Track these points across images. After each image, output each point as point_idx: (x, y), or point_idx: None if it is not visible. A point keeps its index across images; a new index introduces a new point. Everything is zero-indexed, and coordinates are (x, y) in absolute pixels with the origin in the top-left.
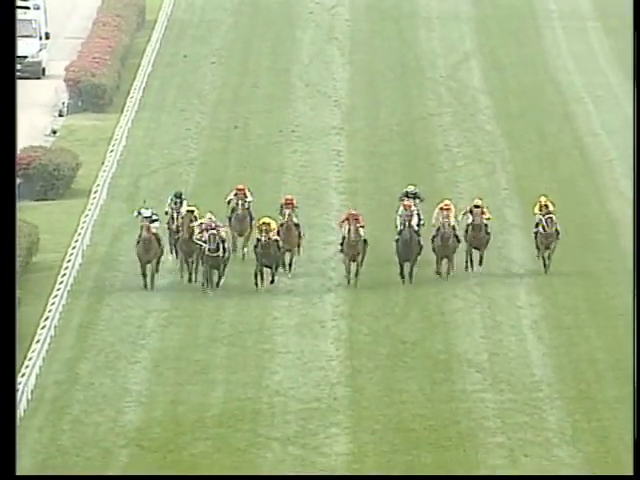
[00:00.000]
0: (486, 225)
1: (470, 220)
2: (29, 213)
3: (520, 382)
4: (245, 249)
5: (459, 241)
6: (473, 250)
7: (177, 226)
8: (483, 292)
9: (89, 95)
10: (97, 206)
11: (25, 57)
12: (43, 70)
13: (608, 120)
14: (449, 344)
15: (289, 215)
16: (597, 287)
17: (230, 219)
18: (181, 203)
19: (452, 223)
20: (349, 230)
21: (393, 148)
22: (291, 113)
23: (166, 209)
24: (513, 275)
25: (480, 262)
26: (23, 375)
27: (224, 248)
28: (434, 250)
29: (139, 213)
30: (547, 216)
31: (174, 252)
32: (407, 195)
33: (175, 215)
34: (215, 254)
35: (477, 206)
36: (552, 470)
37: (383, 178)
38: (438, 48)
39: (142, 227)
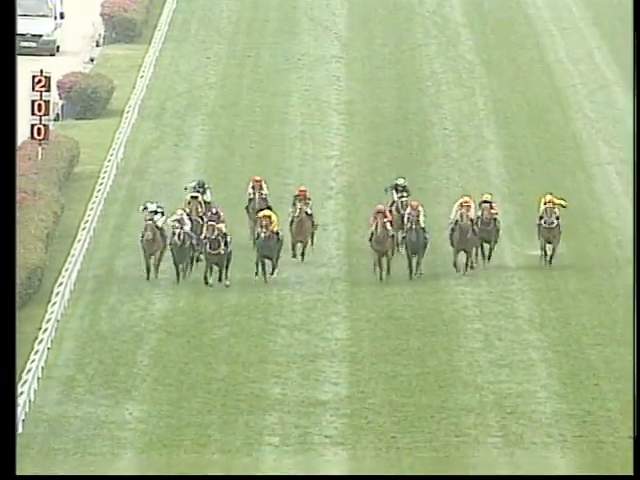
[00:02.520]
0: (495, 219)
1: (479, 214)
2: (70, 130)
3: (495, 277)
4: None
5: (477, 235)
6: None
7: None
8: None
9: (122, 28)
10: (129, 124)
11: (40, 36)
12: (57, 48)
13: (572, 50)
14: (435, 247)
15: (301, 207)
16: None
17: (247, 209)
18: (204, 191)
19: (471, 217)
20: (377, 226)
21: (386, 74)
22: (297, 44)
23: (187, 198)
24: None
25: (489, 257)
26: (66, 270)
27: (225, 243)
28: (452, 244)
29: (145, 208)
30: (546, 205)
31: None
32: (396, 188)
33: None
34: (216, 251)
35: (486, 201)
36: (520, 351)
37: (377, 100)
38: None
39: (146, 223)
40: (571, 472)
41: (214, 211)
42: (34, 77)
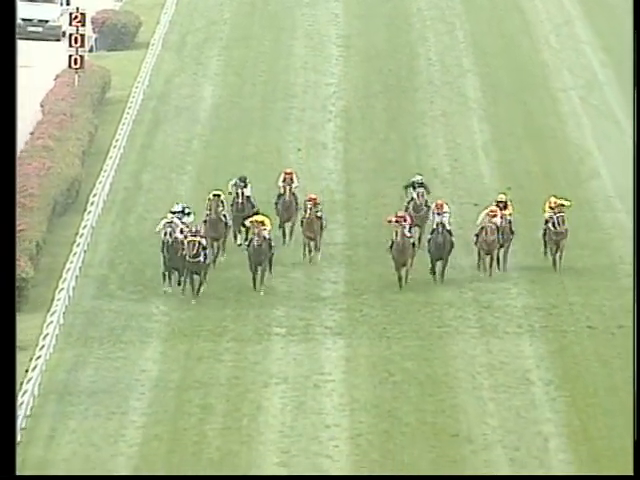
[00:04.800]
0: (510, 222)
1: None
2: (102, 60)
3: (474, 190)
4: (291, 236)
5: (504, 238)
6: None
7: (241, 204)
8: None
9: None
10: (154, 55)
11: (47, 21)
12: (63, 33)
13: None
14: (420, 160)
15: (311, 210)
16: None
17: (276, 204)
18: (245, 186)
19: (498, 223)
20: (397, 234)
21: (378, 12)
22: None
23: (230, 190)
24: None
25: (504, 259)
26: (100, 182)
27: (205, 255)
28: (475, 243)
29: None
30: (558, 215)
31: (238, 232)
32: (414, 185)
33: (239, 197)
34: (196, 259)
35: (501, 201)
36: (505, 289)
37: (371, 35)
38: None
39: (171, 225)
40: (538, 358)
41: (194, 230)
42: (71, 14)
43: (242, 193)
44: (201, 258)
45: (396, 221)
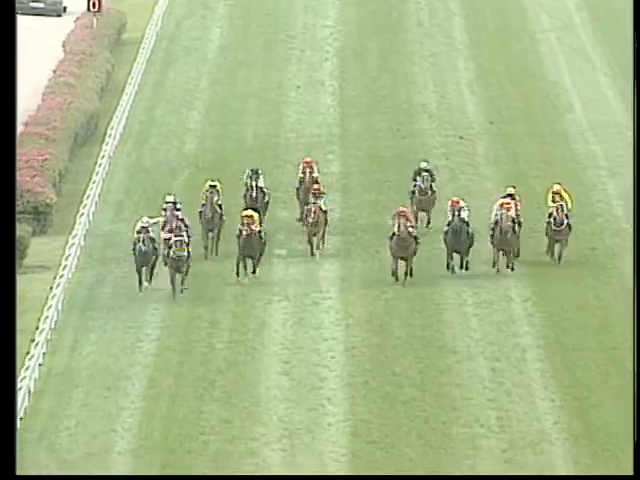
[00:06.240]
0: (517, 215)
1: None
2: (119, 4)
3: (459, 123)
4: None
5: (518, 235)
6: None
7: (254, 195)
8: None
9: None
10: (166, 0)
11: None
12: (64, 8)
13: None
14: (410, 96)
15: (315, 202)
16: None
17: (298, 190)
18: (257, 177)
19: (512, 216)
20: (399, 226)
21: None
22: None
23: (245, 181)
24: None
25: (514, 252)
26: (116, 117)
27: (188, 252)
28: (492, 243)
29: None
30: (558, 203)
31: None
32: (420, 172)
33: (252, 188)
34: (179, 255)
35: (509, 194)
36: (478, 183)
37: None
38: None
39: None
40: (517, 278)
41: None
42: None
43: (255, 184)
44: (184, 253)
45: (398, 215)
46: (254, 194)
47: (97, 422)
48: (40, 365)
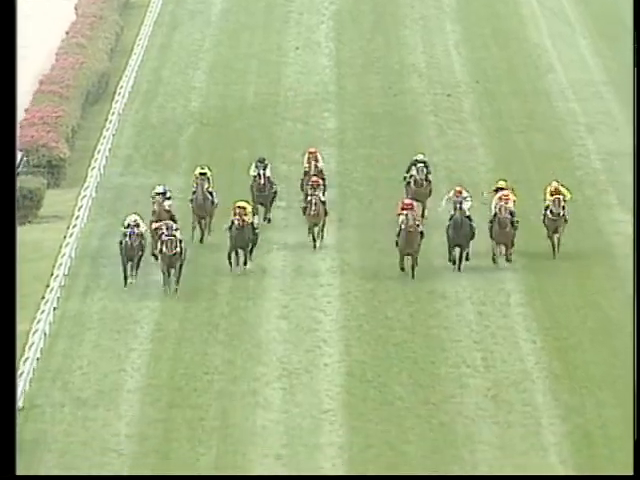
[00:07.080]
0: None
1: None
2: None
3: (447, 82)
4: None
5: (516, 228)
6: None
7: (262, 184)
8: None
9: None
10: None
11: None
12: None
13: None
14: (401, 57)
15: (314, 195)
16: None
17: (302, 181)
18: (265, 167)
19: (510, 209)
20: (407, 219)
21: None
22: None
23: (252, 172)
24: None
25: (512, 244)
26: (126, 76)
27: (181, 249)
28: (491, 236)
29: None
30: (555, 196)
31: (257, 212)
32: (415, 163)
33: (260, 178)
34: (172, 252)
35: (502, 188)
36: (465, 138)
37: None
38: None
39: (154, 204)
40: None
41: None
42: None
43: (263, 174)
44: (177, 250)
45: (403, 208)
46: (262, 182)
47: (108, 362)
48: (54, 309)
